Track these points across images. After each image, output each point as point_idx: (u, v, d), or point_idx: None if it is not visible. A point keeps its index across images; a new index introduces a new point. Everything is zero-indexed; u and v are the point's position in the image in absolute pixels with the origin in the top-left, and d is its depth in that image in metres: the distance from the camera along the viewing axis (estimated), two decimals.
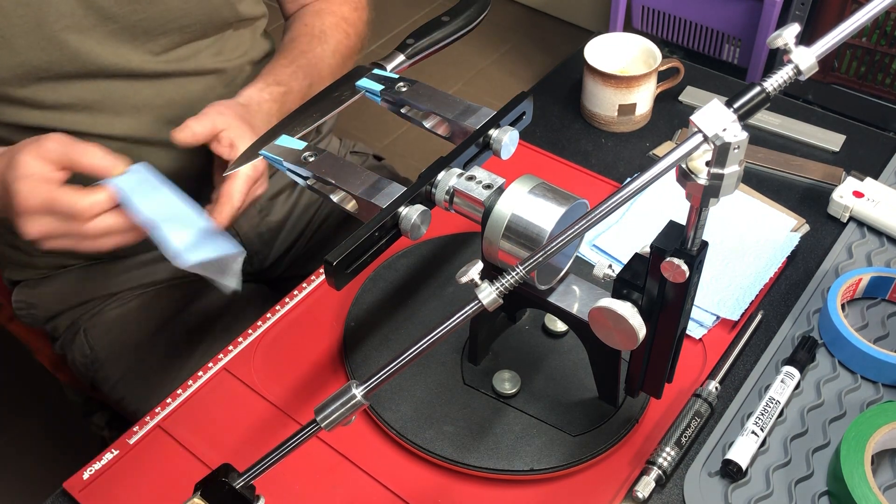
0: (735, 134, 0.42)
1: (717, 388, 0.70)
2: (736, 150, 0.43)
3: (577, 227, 0.45)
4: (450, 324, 0.47)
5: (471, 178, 0.61)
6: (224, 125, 0.73)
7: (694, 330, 0.76)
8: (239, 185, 0.71)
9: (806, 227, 0.85)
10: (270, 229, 1.01)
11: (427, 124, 0.68)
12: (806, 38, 0.62)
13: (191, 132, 0.72)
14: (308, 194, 1.05)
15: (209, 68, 0.85)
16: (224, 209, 0.70)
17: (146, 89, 0.81)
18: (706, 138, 0.43)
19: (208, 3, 0.82)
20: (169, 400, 0.73)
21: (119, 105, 0.80)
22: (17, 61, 0.73)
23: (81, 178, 0.65)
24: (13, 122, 0.78)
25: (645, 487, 0.63)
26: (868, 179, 0.87)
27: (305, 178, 0.64)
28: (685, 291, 0.54)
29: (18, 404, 1.62)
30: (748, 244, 0.82)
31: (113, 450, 0.70)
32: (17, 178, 0.63)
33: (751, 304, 0.77)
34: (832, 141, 0.95)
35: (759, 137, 0.97)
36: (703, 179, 0.46)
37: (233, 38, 0.88)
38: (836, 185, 0.86)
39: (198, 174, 0.86)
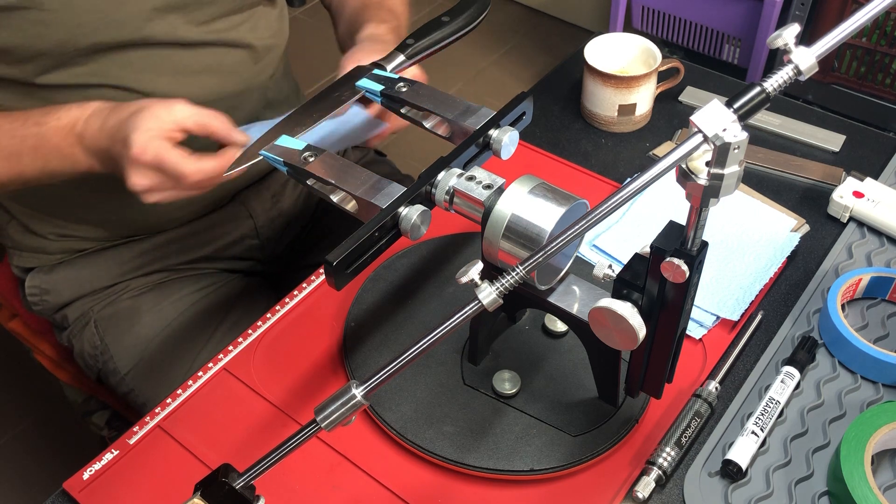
0: (735, 134, 0.42)
1: (717, 388, 0.70)
2: (736, 150, 0.43)
3: (577, 227, 0.45)
4: (450, 324, 0.47)
5: (471, 178, 0.61)
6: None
7: (694, 330, 0.76)
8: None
9: (806, 227, 0.85)
10: (282, 214, 1.02)
11: (427, 124, 0.68)
12: (806, 38, 0.62)
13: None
14: None
15: (244, 42, 0.88)
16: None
17: (186, 55, 0.84)
18: (706, 138, 0.43)
19: None
20: (169, 400, 0.73)
21: (160, 67, 0.83)
22: (76, 22, 0.74)
23: None
24: (63, 83, 0.79)
25: (645, 487, 0.63)
26: (868, 179, 0.87)
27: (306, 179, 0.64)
28: (685, 291, 0.54)
29: (18, 404, 1.62)
30: (748, 244, 0.82)
31: (113, 450, 0.70)
32: (136, 129, 0.68)
33: (751, 304, 0.77)
34: (832, 141, 0.95)
35: (759, 137, 0.97)
36: (703, 179, 0.46)
37: (263, 17, 0.91)
38: (836, 185, 0.86)
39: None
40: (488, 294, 0.46)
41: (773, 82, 0.44)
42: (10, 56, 0.75)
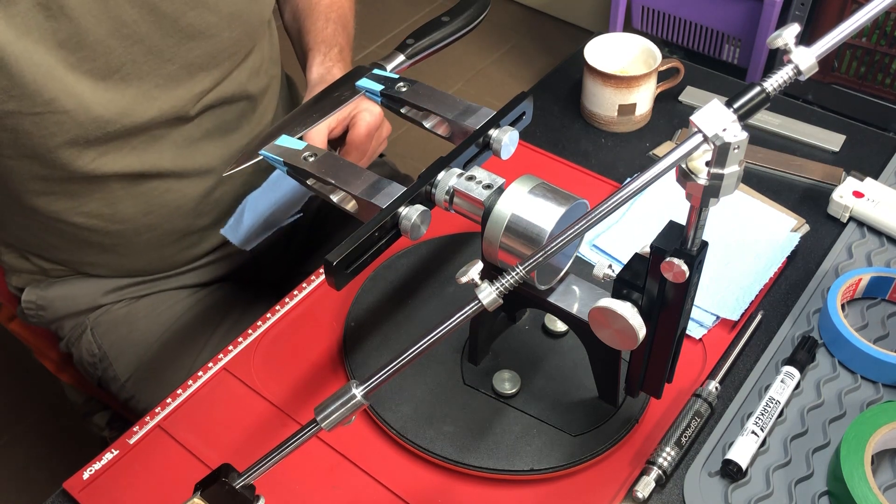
0: (735, 134, 0.42)
1: (717, 388, 0.70)
2: (736, 150, 0.43)
3: (577, 227, 0.45)
4: (450, 324, 0.47)
5: (471, 178, 0.61)
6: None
7: (694, 330, 0.76)
8: (361, 131, 0.78)
9: (806, 227, 0.85)
10: (279, 238, 1.02)
11: (427, 124, 0.69)
12: (806, 38, 0.62)
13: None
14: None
15: (246, 93, 0.87)
16: (350, 153, 0.78)
17: (189, 126, 0.82)
18: (706, 138, 0.43)
19: (249, 25, 0.83)
20: (169, 400, 0.73)
21: (162, 144, 0.81)
22: (90, 117, 0.72)
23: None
24: (65, 175, 0.77)
25: (645, 487, 0.63)
26: (868, 179, 0.87)
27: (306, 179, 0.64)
28: (685, 291, 0.54)
29: (19, 404, 1.62)
30: (748, 244, 0.82)
31: (113, 450, 0.70)
32: None
33: (751, 304, 0.77)
34: (832, 141, 0.95)
35: (759, 137, 0.97)
36: (703, 179, 0.46)
37: (258, 53, 0.89)
38: (836, 185, 0.86)
39: (229, 199, 0.88)
40: (488, 294, 0.46)
41: (773, 82, 0.44)
42: (17, 151, 0.73)
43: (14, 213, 0.83)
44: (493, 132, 0.65)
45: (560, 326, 0.73)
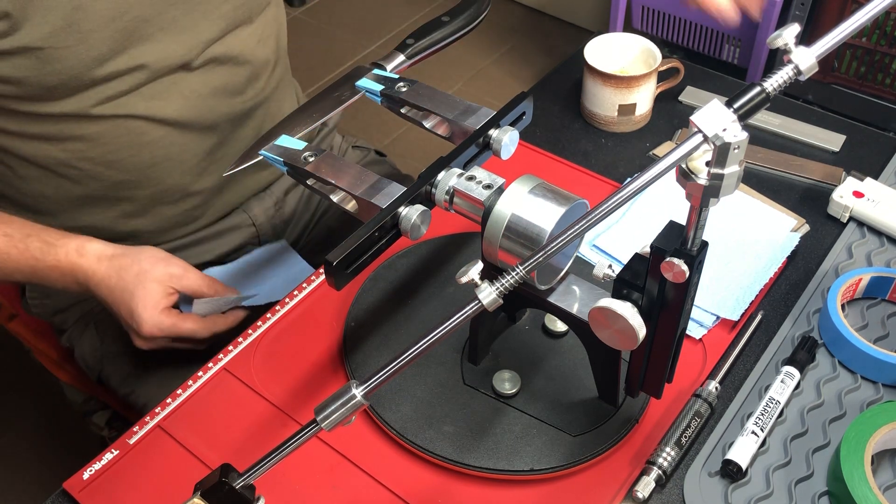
0: (735, 134, 0.42)
1: (717, 388, 0.70)
2: (736, 150, 0.43)
3: (577, 227, 0.45)
4: (450, 324, 0.47)
5: (471, 178, 0.61)
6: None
7: (694, 330, 0.76)
8: None
9: (806, 227, 0.85)
10: (284, 220, 1.02)
11: (427, 124, 0.69)
12: (806, 38, 0.62)
13: None
14: None
15: (253, 57, 0.88)
16: None
17: (195, 78, 0.84)
18: (706, 138, 0.43)
19: None
20: (169, 400, 0.73)
21: (168, 93, 0.82)
22: (91, 56, 0.74)
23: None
24: (72, 113, 0.79)
25: (645, 487, 0.63)
26: (868, 179, 0.87)
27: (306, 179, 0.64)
28: (685, 291, 0.54)
29: (18, 404, 1.62)
30: (748, 244, 0.82)
31: (113, 450, 0.70)
32: (141, 306, 0.77)
33: (751, 304, 0.77)
34: (832, 141, 0.95)
35: (759, 137, 0.97)
36: (703, 179, 0.46)
37: (270, 23, 0.90)
38: (836, 185, 0.86)
39: (232, 158, 0.88)
40: (488, 294, 0.46)
41: (773, 82, 0.44)
42: (18, 88, 0.74)
43: (17, 167, 0.84)
44: (493, 132, 0.65)
45: (560, 326, 0.73)
